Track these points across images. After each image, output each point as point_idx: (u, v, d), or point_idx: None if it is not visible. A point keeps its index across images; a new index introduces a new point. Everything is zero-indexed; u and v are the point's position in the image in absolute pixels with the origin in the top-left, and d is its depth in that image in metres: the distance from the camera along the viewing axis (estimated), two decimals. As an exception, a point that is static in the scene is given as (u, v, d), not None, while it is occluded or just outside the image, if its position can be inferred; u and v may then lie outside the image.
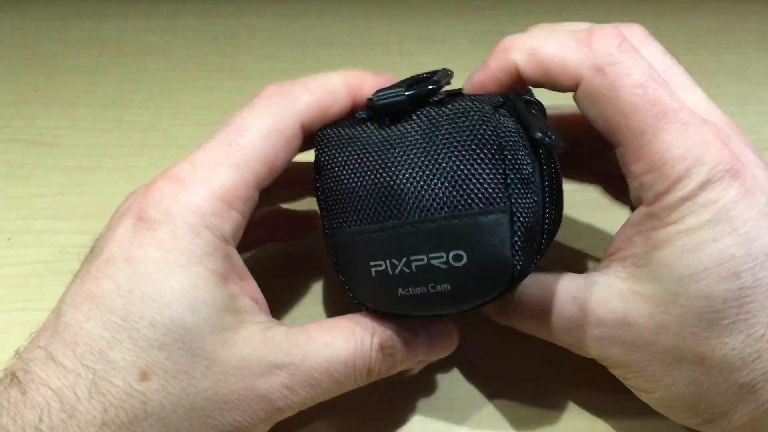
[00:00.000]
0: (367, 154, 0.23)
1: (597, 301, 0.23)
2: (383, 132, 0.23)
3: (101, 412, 0.19)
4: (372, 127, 0.23)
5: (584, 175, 0.33)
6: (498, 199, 0.21)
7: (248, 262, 0.24)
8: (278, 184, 0.24)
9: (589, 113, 0.22)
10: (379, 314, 0.24)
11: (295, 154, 0.24)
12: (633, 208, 0.23)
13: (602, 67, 0.22)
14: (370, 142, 0.23)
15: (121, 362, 0.20)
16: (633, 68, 0.21)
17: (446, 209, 0.21)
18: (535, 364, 0.29)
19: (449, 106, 0.22)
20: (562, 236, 0.32)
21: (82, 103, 0.44)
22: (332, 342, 0.23)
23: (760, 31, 0.53)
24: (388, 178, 0.22)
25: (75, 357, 0.20)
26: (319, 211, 0.25)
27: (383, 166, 0.22)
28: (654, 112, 0.21)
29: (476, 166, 0.21)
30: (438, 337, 0.25)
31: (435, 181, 0.21)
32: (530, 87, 0.25)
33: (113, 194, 0.32)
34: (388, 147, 0.22)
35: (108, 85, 0.46)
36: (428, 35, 0.52)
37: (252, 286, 0.23)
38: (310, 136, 0.24)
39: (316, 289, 0.32)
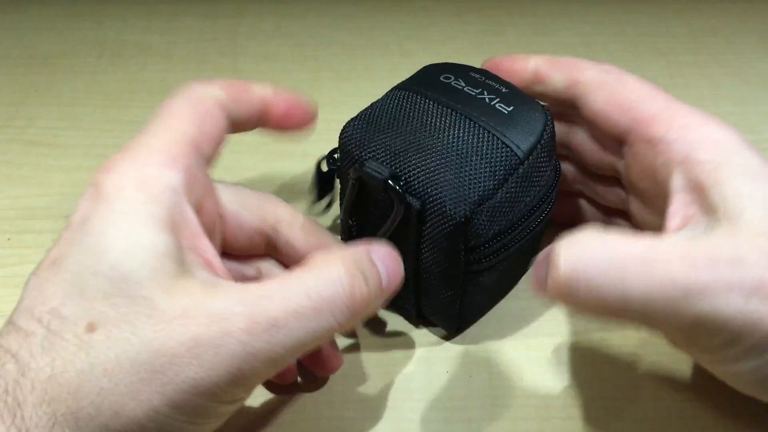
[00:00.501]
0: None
1: (703, 246, 0.20)
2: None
3: (49, 365, 0.19)
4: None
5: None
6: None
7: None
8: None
9: (597, 104, 0.27)
10: None
11: (224, 132, 0.25)
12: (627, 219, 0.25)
13: (608, 69, 0.28)
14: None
15: (72, 316, 0.20)
16: (631, 75, 0.27)
17: None
18: (535, 364, 0.29)
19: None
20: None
21: (82, 103, 0.44)
22: (287, 280, 0.21)
23: (760, 31, 0.53)
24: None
25: (33, 319, 0.20)
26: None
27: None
28: (657, 91, 0.26)
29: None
30: (390, 264, 0.23)
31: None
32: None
33: (113, 194, 0.32)
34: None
35: (108, 85, 0.46)
36: (428, 35, 0.52)
37: (205, 246, 0.22)
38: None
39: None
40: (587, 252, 0.20)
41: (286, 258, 0.27)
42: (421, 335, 0.30)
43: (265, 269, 0.27)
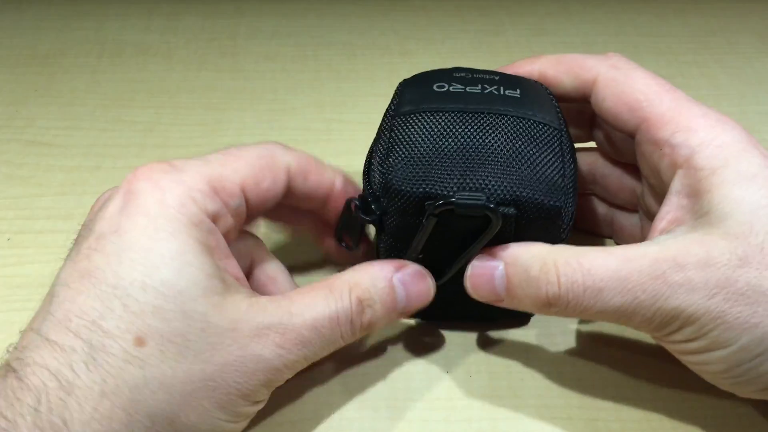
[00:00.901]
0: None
1: (675, 249, 0.22)
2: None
3: (99, 383, 0.19)
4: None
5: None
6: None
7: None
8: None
9: (606, 103, 0.27)
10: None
11: (278, 195, 0.26)
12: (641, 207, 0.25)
13: (616, 64, 0.27)
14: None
15: (116, 330, 0.20)
16: (640, 69, 0.27)
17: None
18: (534, 364, 0.29)
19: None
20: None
21: (82, 103, 0.44)
22: (314, 302, 0.23)
23: (760, 31, 0.53)
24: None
25: (69, 332, 0.20)
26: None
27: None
28: (666, 88, 0.26)
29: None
30: (413, 287, 0.26)
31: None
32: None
33: (113, 194, 0.32)
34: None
35: (108, 85, 0.46)
36: (428, 35, 0.52)
37: (235, 266, 0.24)
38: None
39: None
40: (569, 275, 0.23)
41: (303, 202, 0.28)
42: (422, 335, 0.30)
43: (273, 273, 0.28)
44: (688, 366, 0.24)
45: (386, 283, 0.25)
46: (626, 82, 0.26)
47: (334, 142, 0.41)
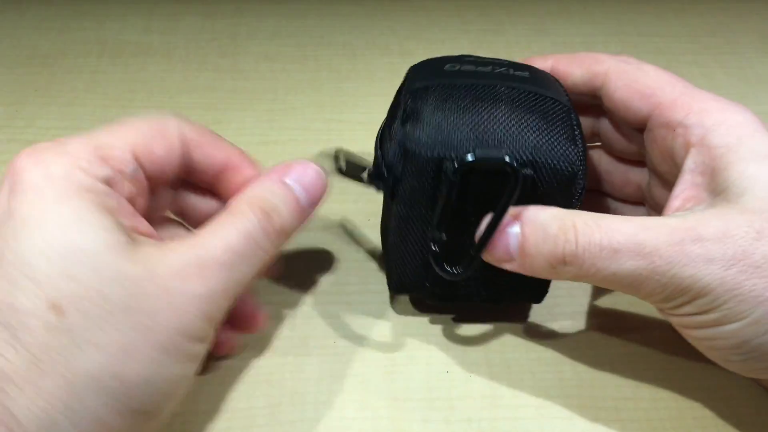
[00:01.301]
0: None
1: (694, 220, 0.23)
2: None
3: (33, 361, 0.19)
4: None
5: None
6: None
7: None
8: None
9: (618, 93, 0.27)
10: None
11: (174, 164, 0.25)
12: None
13: (628, 59, 0.29)
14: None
15: (30, 305, 0.19)
16: (650, 64, 0.28)
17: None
18: (535, 364, 0.29)
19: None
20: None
21: (82, 103, 0.44)
22: (221, 228, 0.23)
23: (760, 31, 0.53)
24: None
25: None
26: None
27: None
28: (676, 78, 0.27)
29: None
30: (306, 179, 0.26)
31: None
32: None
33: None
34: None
35: (108, 85, 0.46)
36: (428, 35, 0.52)
37: (146, 225, 0.24)
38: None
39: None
40: (588, 234, 0.23)
41: (200, 175, 0.27)
42: (422, 335, 0.30)
43: (177, 234, 0.28)
44: (694, 343, 0.24)
45: (279, 185, 0.25)
46: (638, 72, 0.28)
47: (334, 142, 0.41)
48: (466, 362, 0.29)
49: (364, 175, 0.27)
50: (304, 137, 0.42)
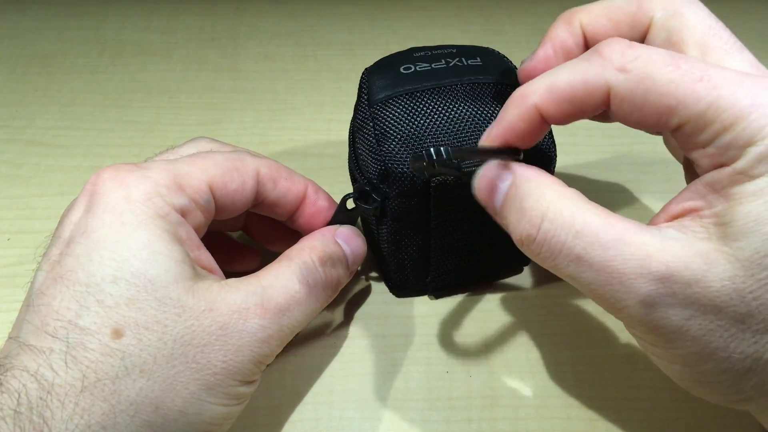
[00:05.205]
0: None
1: (674, 255, 0.19)
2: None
3: (80, 379, 0.19)
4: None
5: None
6: None
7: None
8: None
9: (633, 117, 0.21)
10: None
11: (248, 199, 0.26)
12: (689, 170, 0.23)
13: (623, 66, 0.20)
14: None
15: (93, 326, 0.20)
16: (653, 54, 0.20)
17: None
18: (535, 364, 0.29)
19: None
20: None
21: (82, 103, 0.44)
22: (281, 272, 0.24)
23: (760, 31, 0.53)
24: None
25: (47, 335, 0.20)
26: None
27: None
28: (699, 77, 0.19)
29: None
30: (353, 242, 0.28)
31: None
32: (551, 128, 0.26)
33: (113, 194, 0.32)
34: None
35: (108, 85, 0.46)
36: (428, 35, 0.52)
37: (209, 258, 0.24)
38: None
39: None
40: (553, 229, 0.21)
41: (276, 209, 0.28)
42: (422, 335, 0.30)
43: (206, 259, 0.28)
44: (666, 371, 0.23)
45: (334, 242, 0.27)
46: (645, 85, 0.20)
47: (334, 142, 0.41)
48: (466, 362, 0.29)
49: (359, 199, 0.28)
50: (304, 137, 0.42)
